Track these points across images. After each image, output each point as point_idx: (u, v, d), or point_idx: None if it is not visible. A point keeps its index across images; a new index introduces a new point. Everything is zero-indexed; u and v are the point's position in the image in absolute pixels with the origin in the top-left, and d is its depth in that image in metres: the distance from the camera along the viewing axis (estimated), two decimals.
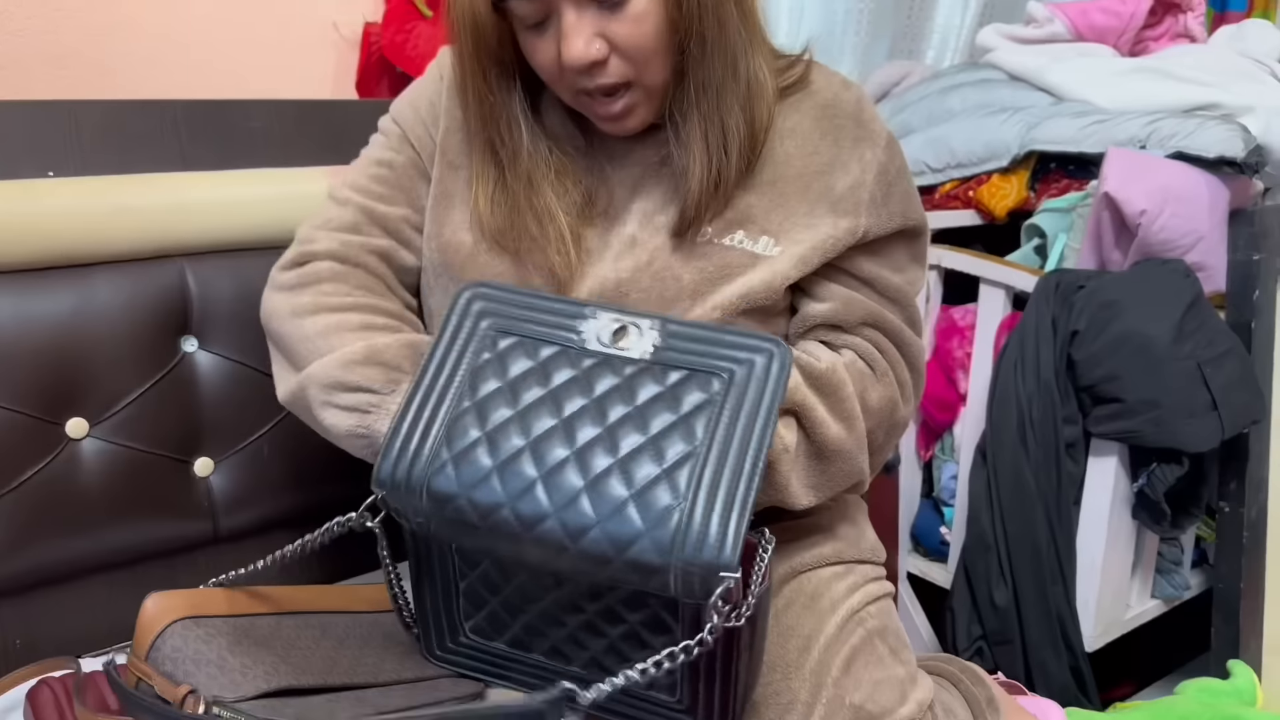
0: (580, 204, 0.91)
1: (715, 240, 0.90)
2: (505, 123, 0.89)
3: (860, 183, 0.91)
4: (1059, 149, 1.60)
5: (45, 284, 1.02)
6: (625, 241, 0.91)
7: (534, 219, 0.89)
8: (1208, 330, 1.39)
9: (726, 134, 0.88)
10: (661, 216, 0.92)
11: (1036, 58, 1.81)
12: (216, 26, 1.36)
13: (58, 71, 1.26)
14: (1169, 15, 1.92)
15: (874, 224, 0.92)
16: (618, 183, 0.93)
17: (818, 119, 0.92)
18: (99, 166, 1.10)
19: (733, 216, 0.91)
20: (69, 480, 1.02)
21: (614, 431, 0.72)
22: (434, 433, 0.74)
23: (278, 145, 1.22)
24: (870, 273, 0.93)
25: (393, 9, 1.43)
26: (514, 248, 0.91)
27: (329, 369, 0.86)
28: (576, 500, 0.70)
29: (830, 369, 0.89)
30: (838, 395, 0.89)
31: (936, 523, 1.77)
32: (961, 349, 1.68)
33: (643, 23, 0.82)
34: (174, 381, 1.08)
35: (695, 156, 0.87)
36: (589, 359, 0.76)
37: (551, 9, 0.81)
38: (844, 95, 0.94)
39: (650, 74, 0.85)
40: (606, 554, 0.69)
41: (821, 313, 0.93)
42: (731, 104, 0.88)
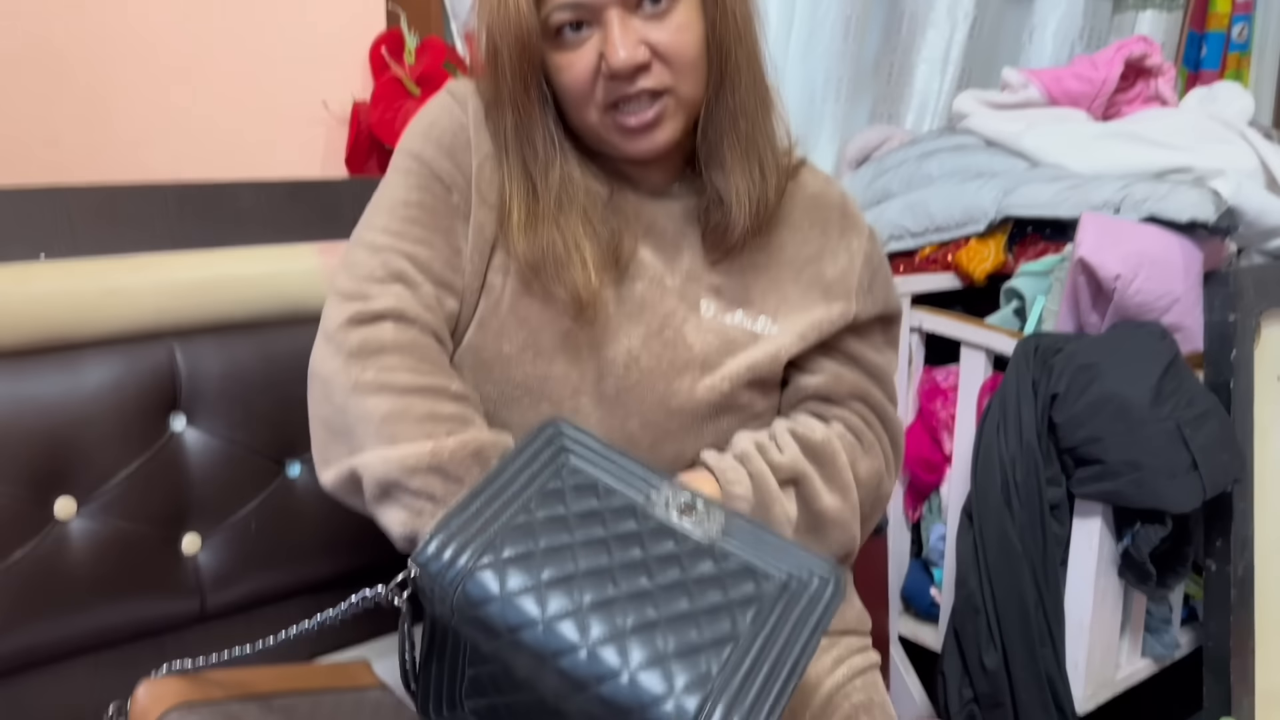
0: (605, 242, 0.91)
1: (718, 317, 0.94)
2: (541, 138, 0.89)
3: (849, 269, 0.96)
4: (1035, 213, 1.63)
5: (36, 366, 1.04)
6: (636, 303, 0.93)
7: (560, 238, 0.89)
8: (1186, 391, 1.41)
9: (763, 157, 0.92)
10: (670, 280, 0.94)
11: (1012, 123, 1.85)
12: (207, 107, 1.39)
13: (49, 153, 1.29)
14: (1140, 80, 1.97)
15: (862, 309, 0.97)
16: (632, 238, 0.94)
17: (807, 210, 0.97)
18: (91, 248, 1.12)
19: (732, 297, 0.94)
20: (56, 561, 1.02)
21: (663, 592, 0.71)
22: (488, 532, 0.73)
23: (268, 223, 1.25)
24: (856, 351, 0.97)
25: (381, 87, 1.46)
26: (540, 274, 0.89)
27: (390, 469, 0.82)
28: (614, 642, 0.68)
29: (825, 440, 0.92)
30: (833, 465, 0.92)
31: (926, 584, 1.77)
32: (945, 410, 1.69)
33: (685, 32, 0.85)
34: (162, 459, 1.08)
35: (736, 182, 0.91)
36: (652, 522, 0.75)
37: (597, 16, 0.84)
38: (830, 189, 0.99)
39: (687, 84, 0.88)
40: (626, 706, 0.66)
41: (814, 385, 0.96)
42: (766, 129, 0.93)
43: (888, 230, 1.79)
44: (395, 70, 1.46)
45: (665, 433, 0.92)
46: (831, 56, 2.00)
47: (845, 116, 2.08)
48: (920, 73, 2.21)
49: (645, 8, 0.84)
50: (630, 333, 0.92)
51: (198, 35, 1.36)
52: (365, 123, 1.46)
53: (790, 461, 0.90)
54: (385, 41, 1.49)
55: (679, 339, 0.92)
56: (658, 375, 0.91)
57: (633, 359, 0.91)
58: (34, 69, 1.26)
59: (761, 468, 0.89)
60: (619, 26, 0.83)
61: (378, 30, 1.50)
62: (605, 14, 0.83)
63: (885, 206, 1.83)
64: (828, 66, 2.01)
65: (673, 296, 0.93)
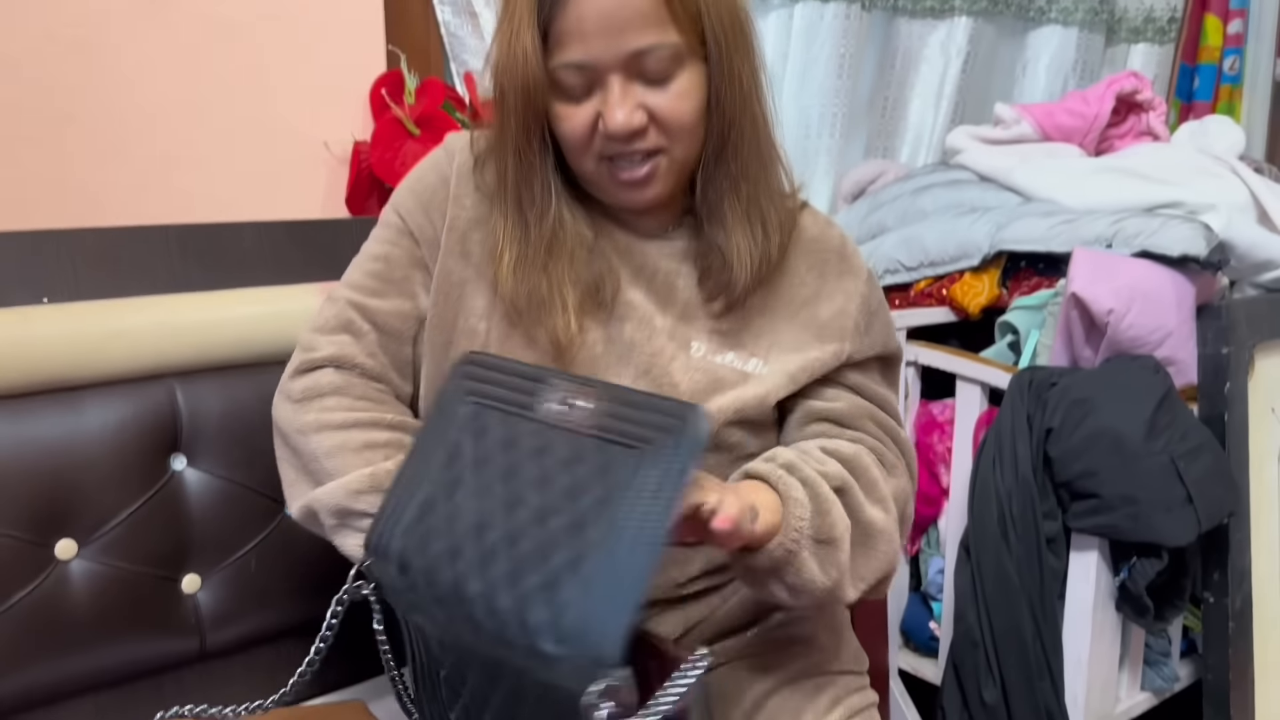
0: (587, 285, 0.93)
1: (708, 357, 0.94)
2: (538, 184, 0.91)
3: (844, 311, 0.96)
4: (1028, 248, 1.65)
5: (38, 408, 1.05)
6: (625, 344, 0.94)
7: (546, 282, 0.91)
8: (1180, 425, 1.42)
9: (765, 216, 0.93)
10: (660, 320, 0.95)
11: (1005, 158, 1.87)
12: (209, 149, 1.41)
13: (54, 196, 1.30)
14: (1132, 114, 1.99)
15: (856, 349, 0.97)
16: (617, 280, 0.96)
17: (805, 253, 0.97)
18: (93, 291, 1.14)
19: (725, 339, 0.95)
20: (57, 602, 1.03)
21: (547, 511, 0.72)
22: (411, 506, 0.77)
23: (268, 264, 1.26)
24: (857, 382, 0.98)
25: (382, 128, 1.48)
26: (524, 316, 0.93)
27: (336, 496, 0.90)
28: (501, 586, 0.70)
29: (856, 454, 0.92)
30: (868, 477, 0.91)
31: (925, 617, 1.77)
32: (942, 443, 1.70)
33: (684, 99, 0.87)
34: (163, 500, 1.09)
35: (737, 241, 0.92)
36: (549, 429, 0.76)
37: (597, 80, 0.85)
38: (829, 233, 1.00)
39: (681, 147, 0.89)
40: (516, 640, 0.69)
41: (823, 409, 0.97)
42: (768, 190, 0.94)
43: (883, 264, 1.80)
44: (395, 111, 1.48)
45: None
46: (826, 93, 2.02)
47: (840, 151, 2.10)
48: (914, 107, 2.24)
49: (647, 74, 0.86)
50: (620, 373, 0.94)
51: (199, 78, 1.38)
52: (366, 163, 1.48)
53: (835, 470, 0.88)
54: (385, 83, 1.51)
55: (665, 378, 0.93)
56: None
57: None
58: (38, 114, 1.28)
59: (812, 474, 0.86)
60: (619, 90, 0.85)
61: (378, 71, 1.52)
62: (607, 77, 0.85)
63: (880, 241, 1.84)
64: (822, 102, 2.03)
65: (662, 336, 0.94)
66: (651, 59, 0.85)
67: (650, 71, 0.85)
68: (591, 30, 0.83)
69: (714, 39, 0.86)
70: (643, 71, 0.85)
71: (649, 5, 0.83)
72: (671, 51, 0.85)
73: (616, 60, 0.84)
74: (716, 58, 0.87)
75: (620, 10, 0.82)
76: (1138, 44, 2.53)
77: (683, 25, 0.84)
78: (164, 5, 1.34)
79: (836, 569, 0.85)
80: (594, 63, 0.84)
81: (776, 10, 1.95)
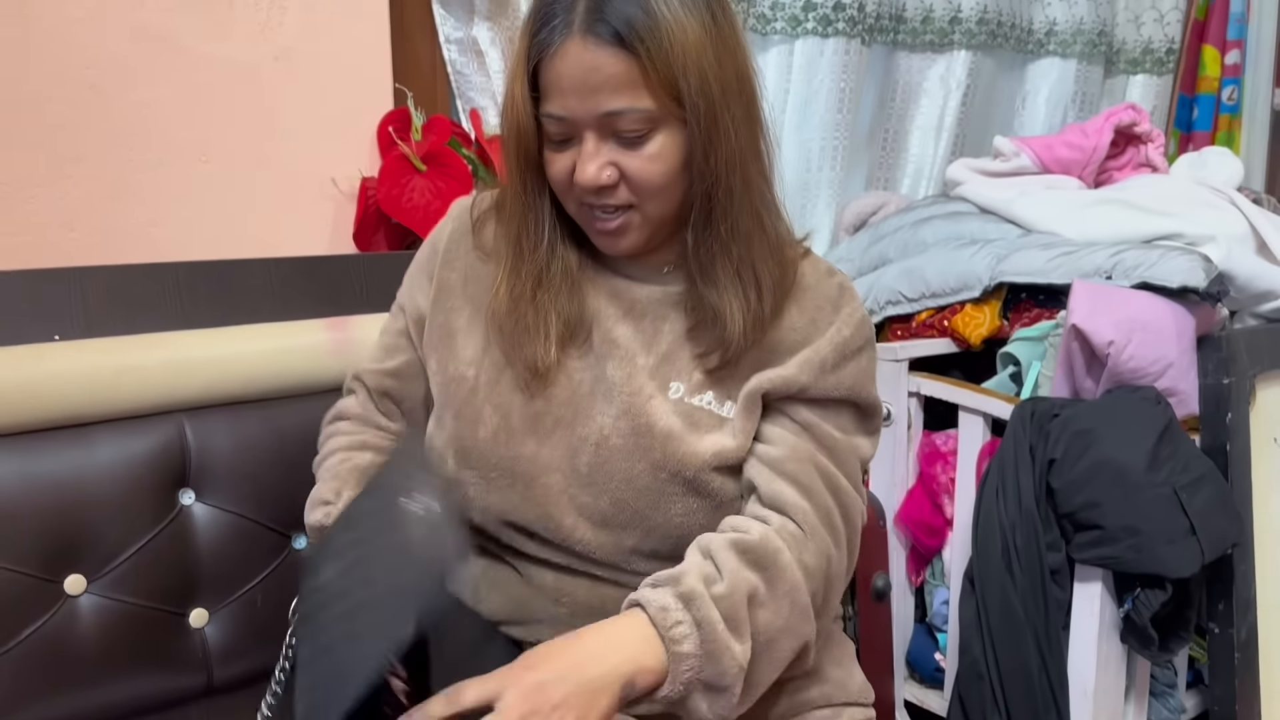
0: (570, 317, 0.96)
1: (686, 399, 0.95)
2: (534, 219, 0.95)
3: (816, 347, 0.95)
4: (1028, 280, 1.66)
5: (48, 444, 1.06)
6: (608, 383, 0.95)
7: (533, 311, 0.95)
8: (1182, 456, 1.43)
9: (759, 278, 0.93)
10: (643, 359, 0.96)
11: (1005, 190, 1.89)
12: (219, 186, 1.42)
13: (66, 235, 1.32)
14: (1130, 146, 2.01)
15: (814, 384, 0.94)
16: (608, 319, 0.97)
17: (798, 300, 0.97)
18: (103, 329, 1.15)
19: (703, 380, 0.95)
20: (66, 637, 1.04)
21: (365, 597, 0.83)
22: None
23: (277, 300, 1.27)
24: (808, 420, 0.95)
25: (389, 164, 1.50)
26: (509, 344, 0.96)
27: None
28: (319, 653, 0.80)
29: (763, 538, 0.88)
30: (776, 567, 0.88)
31: (931, 649, 1.77)
32: (945, 474, 1.71)
33: (656, 161, 0.88)
34: (171, 534, 1.10)
35: (730, 300, 0.92)
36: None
37: (576, 132, 0.88)
38: (827, 282, 0.98)
39: (652, 206, 0.91)
40: None
41: (763, 452, 0.94)
42: (763, 251, 0.93)
43: (884, 296, 1.82)
44: (402, 147, 1.50)
45: (635, 513, 0.93)
46: (827, 126, 2.04)
47: (841, 183, 2.12)
48: (914, 139, 2.26)
49: (620, 134, 0.87)
50: (604, 411, 0.95)
51: (209, 116, 1.40)
52: (373, 199, 1.50)
53: (729, 590, 0.84)
54: (392, 120, 1.53)
55: (642, 417, 0.93)
56: (624, 454, 0.93)
57: (604, 438, 0.94)
58: (50, 154, 1.30)
59: (709, 614, 0.83)
60: (591, 147, 0.87)
61: (385, 109, 1.55)
62: (583, 133, 0.88)
63: (881, 272, 1.86)
64: (823, 135, 2.05)
65: (642, 375, 0.95)
66: (624, 121, 0.86)
67: (624, 132, 0.87)
68: (568, 89, 0.86)
69: (693, 104, 0.86)
70: (616, 131, 0.87)
71: (621, 70, 0.84)
72: (644, 115, 0.86)
73: (590, 118, 0.86)
74: (696, 121, 0.87)
75: (592, 75, 0.85)
76: (1136, 75, 2.56)
77: (657, 91, 0.85)
78: (175, 47, 1.37)
79: (727, 707, 0.83)
80: (570, 117, 0.87)
81: (777, 46, 1.98)
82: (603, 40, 0.84)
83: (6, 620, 1.01)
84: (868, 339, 0.99)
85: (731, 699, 0.83)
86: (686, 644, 0.81)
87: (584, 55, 0.84)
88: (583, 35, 0.84)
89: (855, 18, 1.97)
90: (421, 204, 1.50)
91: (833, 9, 1.95)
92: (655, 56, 0.84)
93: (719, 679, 0.82)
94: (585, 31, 0.84)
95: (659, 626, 0.81)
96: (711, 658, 0.81)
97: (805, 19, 1.95)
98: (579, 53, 0.85)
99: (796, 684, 1.00)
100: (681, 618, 0.82)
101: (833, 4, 1.94)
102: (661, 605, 0.82)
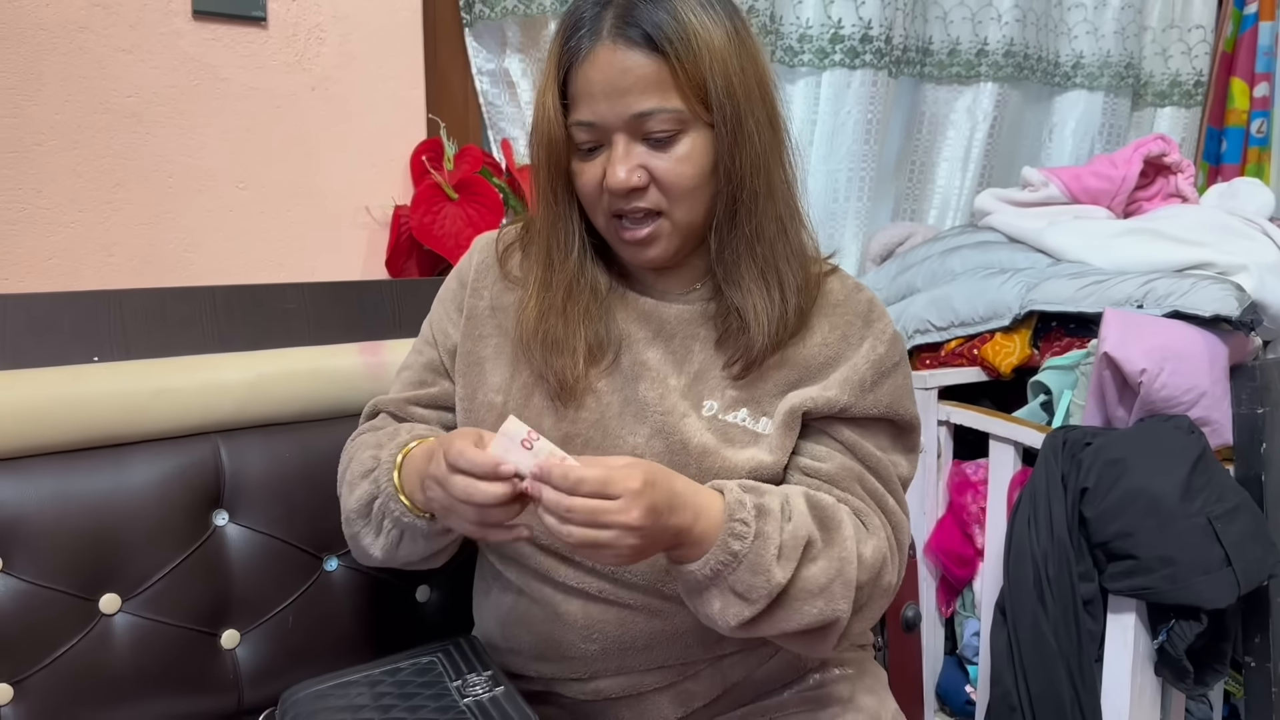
0: (597, 338, 0.97)
1: (720, 416, 0.95)
2: (564, 232, 0.96)
3: (854, 366, 0.96)
4: (1058, 309, 1.66)
5: (85, 464, 1.07)
6: (639, 403, 0.96)
7: (563, 323, 0.96)
8: (1216, 485, 1.41)
9: (783, 280, 0.94)
10: (674, 379, 0.96)
11: (1034, 220, 1.89)
12: (256, 213, 1.45)
13: (105, 259, 1.34)
14: (1160, 177, 2.00)
15: (854, 404, 0.95)
16: (637, 342, 0.98)
17: (828, 316, 0.98)
18: (141, 351, 1.17)
19: (736, 397, 0.96)
20: (100, 656, 1.04)
21: None
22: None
23: (311, 324, 1.29)
24: (851, 440, 0.97)
25: (421, 193, 1.52)
26: (537, 357, 0.97)
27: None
28: None
29: (835, 506, 0.92)
30: (838, 532, 0.90)
31: (961, 681, 1.75)
32: (975, 504, 1.69)
33: (685, 163, 0.90)
34: (205, 555, 1.11)
35: (755, 302, 0.93)
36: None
37: (606, 137, 0.90)
38: (857, 296, 1.00)
39: (681, 210, 0.92)
40: None
41: (815, 468, 0.96)
42: (786, 254, 0.95)
43: (913, 325, 1.81)
44: (435, 176, 1.52)
45: None
46: (854, 157, 2.05)
47: (868, 213, 2.12)
48: (941, 170, 2.26)
49: (650, 136, 0.89)
50: (636, 431, 0.95)
51: (246, 145, 1.43)
52: (406, 226, 1.52)
53: (794, 529, 0.87)
54: (426, 149, 1.56)
55: (676, 436, 0.94)
56: None
57: (637, 457, 0.94)
58: (91, 180, 1.33)
59: (771, 533, 0.86)
60: (622, 149, 0.89)
61: (419, 139, 1.57)
62: (613, 136, 0.90)
63: (910, 302, 1.86)
64: (850, 166, 2.06)
65: (674, 395, 0.96)
66: (654, 121, 0.88)
67: (653, 134, 0.89)
68: (598, 92, 0.88)
69: (720, 106, 0.89)
70: (646, 133, 0.89)
71: (652, 72, 0.87)
72: (673, 115, 0.88)
73: (620, 121, 0.88)
74: (722, 123, 0.89)
75: (623, 77, 0.87)
76: (1164, 108, 2.56)
77: (686, 92, 0.88)
78: (215, 76, 1.40)
79: (735, 618, 0.86)
80: (600, 122, 0.89)
81: (805, 77, 2.00)
82: (633, 43, 0.86)
83: (43, 638, 1.02)
84: (902, 354, 1.00)
85: (742, 613, 0.85)
86: (737, 544, 0.84)
87: (614, 58, 0.87)
88: (613, 39, 0.87)
89: (882, 50, 1.98)
90: (453, 231, 1.51)
91: (860, 41, 1.96)
92: (684, 58, 0.87)
93: (746, 590, 0.85)
94: (615, 35, 0.87)
95: (728, 514, 0.85)
96: (751, 568, 0.84)
97: (832, 51, 1.97)
98: (609, 56, 0.87)
99: (831, 712, 1.00)
100: (749, 520, 0.85)
101: (860, 36, 1.96)
102: (739, 500, 0.86)
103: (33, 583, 1.01)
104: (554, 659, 0.99)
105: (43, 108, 1.29)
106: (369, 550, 0.97)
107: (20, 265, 1.30)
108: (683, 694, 0.99)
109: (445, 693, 0.94)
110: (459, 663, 0.99)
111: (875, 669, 1.10)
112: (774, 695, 1.02)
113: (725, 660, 0.99)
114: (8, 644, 1.00)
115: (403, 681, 0.97)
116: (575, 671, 0.99)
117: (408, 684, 0.97)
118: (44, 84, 1.28)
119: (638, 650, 0.96)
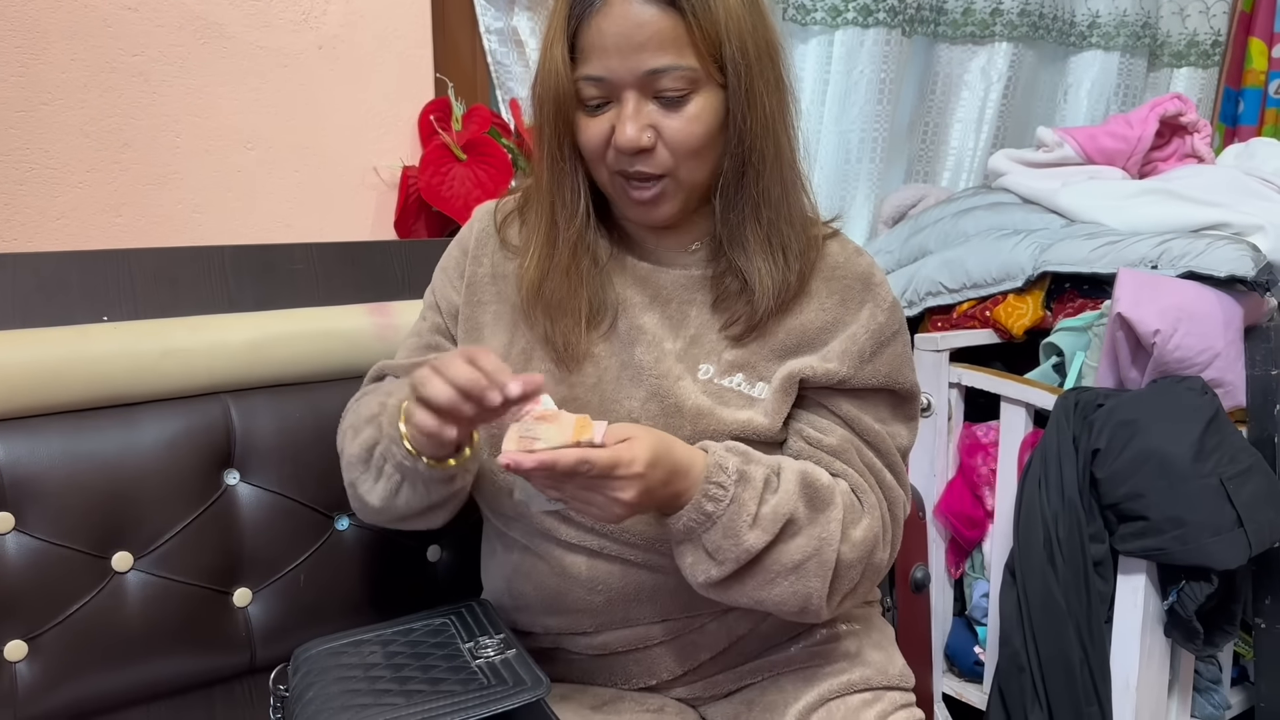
0: (596, 303, 0.97)
1: (716, 380, 0.95)
2: (569, 189, 0.95)
3: (853, 336, 0.95)
4: (1072, 269, 1.64)
5: (95, 423, 1.08)
6: (636, 367, 0.96)
7: (566, 281, 0.95)
8: (1229, 447, 1.40)
9: (786, 245, 0.94)
10: (670, 343, 0.96)
11: (1048, 181, 1.87)
12: (264, 173, 1.44)
13: (113, 219, 1.34)
14: (1176, 137, 1.98)
15: (854, 375, 0.95)
16: (633, 307, 0.98)
17: (827, 280, 0.97)
18: (150, 310, 1.17)
19: (736, 362, 0.95)
20: (113, 613, 1.05)
21: None
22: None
23: (319, 284, 1.29)
24: (850, 414, 0.96)
25: (430, 154, 1.51)
26: (540, 315, 0.97)
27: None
28: None
29: (829, 486, 0.91)
30: (826, 512, 0.90)
31: (970, 642, 1.76)
32: (986, 465, 1.69)
33: (695, 123, 0.89)
34: (216, 514, 1.11)
35: (759, 265, 0.93)
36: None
37: (616, 94, 0.89)
38: (856, 261, 0.99)
39: (688, 170, 0.91)
40: None
41: (818, 440, 0.96)
42: (789, 218, 0.94)
43: (925, 287, 1.80)
44: (443, 137, 1.51)
45: None
46: (867, 117, 2.03)
47: (881, 175, 2.10)
48: (955, 132, 2.24)
49: (661, 94, 0.88)
50: (632, 394, 0.95)
51: (254, 105, 1.42)
52: (414, 187, 1.51)
53: (777, 502, 0.88)
54: (433, 109, 1.54)
55: (671, 399, 0.94)
56: None
57: (633, 421, 0.94)
58: (99, 140, 1.32)
59: (748, 500, 0.87)
60: (632, 107, 0.88)
61: (426, 99, 1.56)
62: (623, 93, 0.88)
63: (922, 263, 1.84)
64: (863, 127, 2.04)
65: (670, 359, 0.96)
66: (666, 79, 0.87)
67: (665, 92, 0.88)
68: (610, 46, 0.86)
69: (734, 65, 0.88)
70: (657, 91, 0.88)
71: (667, 27, 0.86)
72: (687, 74, 0.87)
73: (632, 77, 0.87)
74: (735, 84, 0.88)
75: (638, 31, 0.85)
76: (1181, 68, 2.53)
77: (700, 50, 0.87)
78: (221, 35, 1.38)
79: (704, 576, 0.88)
80: (611, 78, 0.88)
81: (818, 36, 1.97)
82: None
83: (56, 595, 1.02)
84: (901, 322, 0.99)
85: (709, 572, 0.88)
86: (710, 505, 0.86)
87: (629, 11, 0.85)
88: None
89: (896, 8, 1.95)
90: (461, 192, 1.50)
91: None
92: (700, 15, 0.85)
93: (715, 551, 0.86)
94: None
95: (705, 475, 0.86)
96: (723, 530, 0.86)
97: (846, 9, 1.94)
98: (624, 9, 0.85)
99: (838, 666, 1.00)
100: (727, 484, 0.86)
101: None
102: (719, 464, 0.87)
103: (45, 540, 1.02)
104: (560, 612, 0.99)
105: (49, 66, 1.28)
106: (366, 498, 0.97)
107: (29, 225, 1.29)
108: (688, 646, 1.00)
109: (458, 654, 0.94)
110: (471, 625, 1.00)
111: (883, 625, 1.10)
112: (780, 650, 1.02)
113: (730, 614, 0.99)
114: (22, 601, 1.01)
115: (415, 641, 0.98)
116: (581, 625, 0.99)
117: (420, 644, 0.97)
118: (50, 42, 1.27)
119: (642, 602, 0.97)
